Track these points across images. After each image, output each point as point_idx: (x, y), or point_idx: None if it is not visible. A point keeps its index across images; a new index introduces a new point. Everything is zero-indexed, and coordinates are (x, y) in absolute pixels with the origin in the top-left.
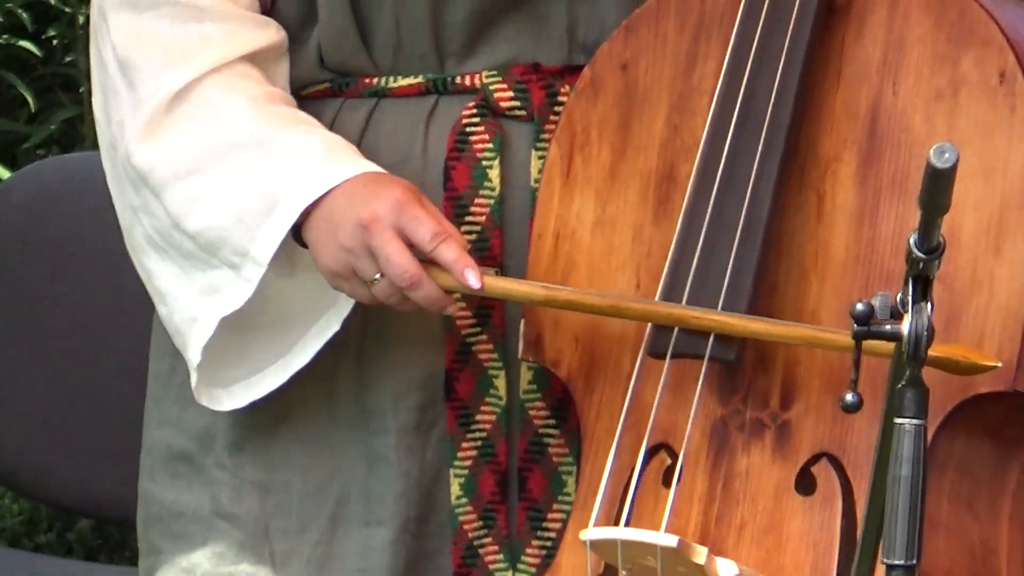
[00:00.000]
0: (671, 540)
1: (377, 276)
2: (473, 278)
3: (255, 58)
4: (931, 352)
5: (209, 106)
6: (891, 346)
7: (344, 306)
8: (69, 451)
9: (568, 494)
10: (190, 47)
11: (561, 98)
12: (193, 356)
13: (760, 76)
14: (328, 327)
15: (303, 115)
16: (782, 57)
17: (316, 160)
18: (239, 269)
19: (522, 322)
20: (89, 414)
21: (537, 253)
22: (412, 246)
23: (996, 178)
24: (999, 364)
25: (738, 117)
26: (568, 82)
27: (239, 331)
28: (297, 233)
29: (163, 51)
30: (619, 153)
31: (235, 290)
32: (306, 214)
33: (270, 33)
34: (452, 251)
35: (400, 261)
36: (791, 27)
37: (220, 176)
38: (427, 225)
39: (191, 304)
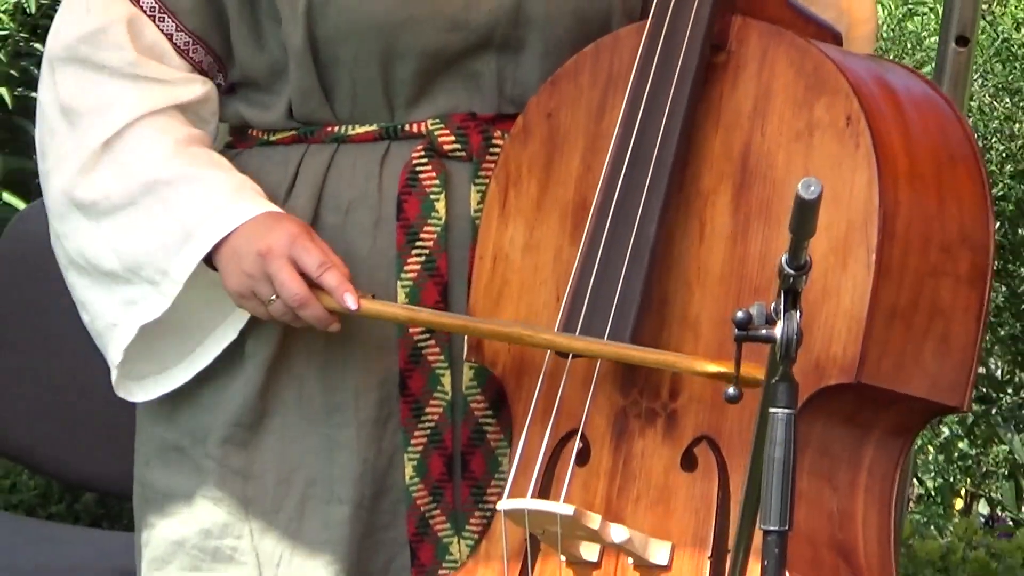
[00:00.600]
0: (568, 509)
1: (273, 297)
2: (351, 301)
3: (184, 108)
4: (665, 359)
5: (140, 147)
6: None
7: (240, 319)
8: (77, 435)
9: (503, 472)
10: (125, 98)
11: (496, 141)
12: (115, 357)
13: (649, 123)
14: (225, 336)
15: (217, 157)
16: (667, 107)
17: (226, 199)
18: (158, 285)
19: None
20: (94, 405)
21: (479, 272)
22: (303, 273)
23: (842, 205)
24: (724, 370)
25: (631, 157)
26: (500, 128)
27: (151, 336)
28: (207, 257)
29: (102, 101)
30: (544, 187)
31: (153, 303)
32: (216, 244)
33: (195, 88)
34: (335, 278)
35: (292, 285)
36: (675, 82)
37: (148, 208)
38: (315, 256)
39: (111, 313)
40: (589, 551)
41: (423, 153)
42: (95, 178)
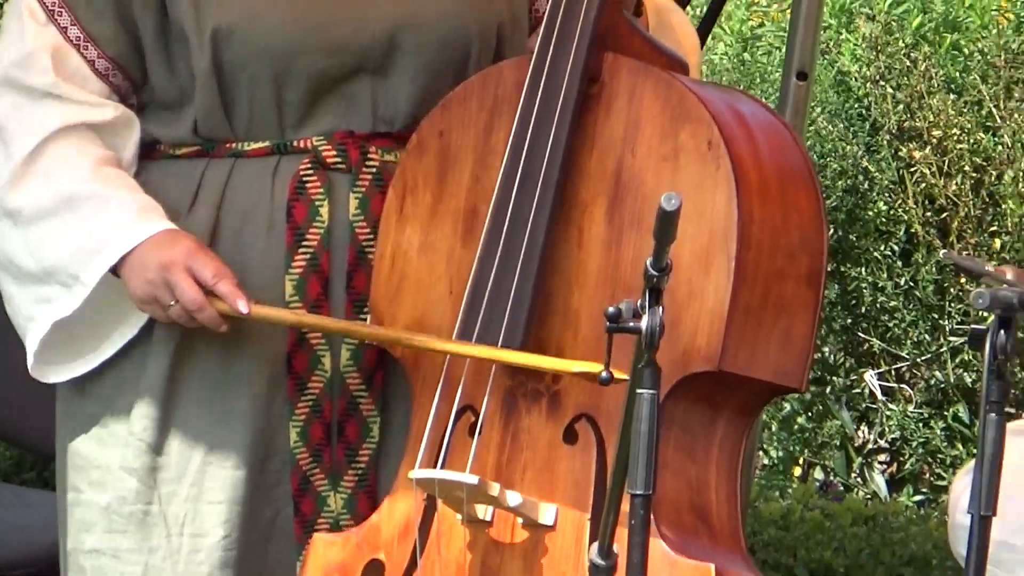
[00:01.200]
0: (473, 479)
1: (172, 303)
2: (243, 306)
3: (98, 128)
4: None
5: (60, 164)
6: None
7: (141, 318)
8: (47, 409)
9: (373, 438)
10: (44, 116)
11: (371, 155)
12: (31, 346)
13: (536, 145)
14: (127, 332)
15: (127, 178)
16: (551, 132)
17: (133, 217)
18: (70, 288)
19: (368, 317)
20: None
21: (379, 268)
22: (199, 282)
23: (705, 218)
24: (589, 370)
25: (521, 175)
26: (374, 144)
27: (63, 329)
28: (114, 266)
29: (25, 119)
30: (437, 196)
31: (65, 303)
32: (122, 256)
33: (106, 111)
34: (227, 287)
35: (190, 292)
36: (558, 110)
37: (64, 221)
38: (210, 267)
39: (29, 308)
40: (484, 512)
41: (309, 166)
42: (20, 189)
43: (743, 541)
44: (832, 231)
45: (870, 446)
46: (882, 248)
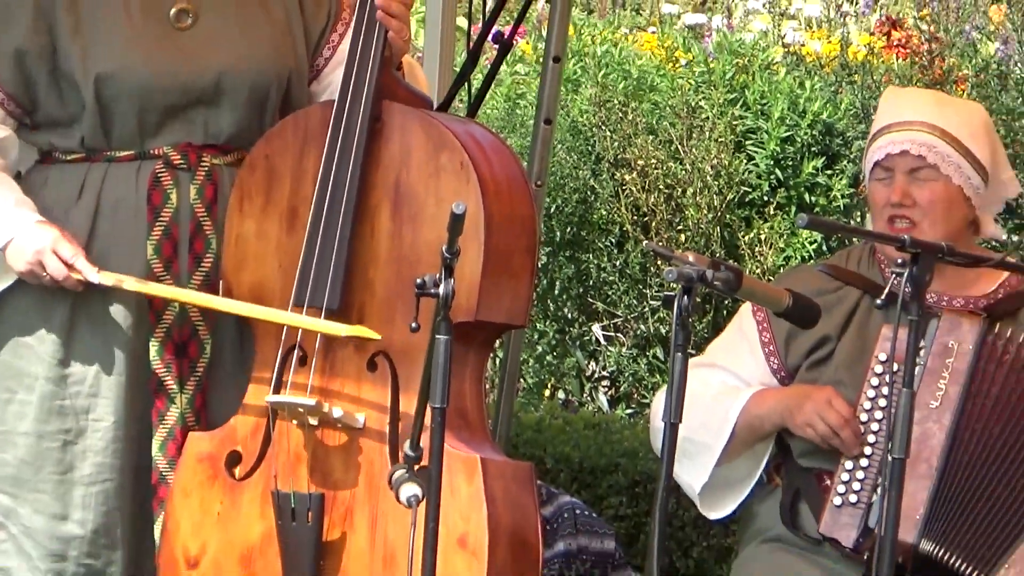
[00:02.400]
0: (311, 401)
1: (45, 275)
2: (93, 275)
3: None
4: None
5: None
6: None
7: (10, 278)
8: None
9: (207, 355)
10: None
11: (204, 160)
12: None
13: (341, 164)
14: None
15: (8, 180)
16: (351, 155)
17: (11, 212)
18: None
19: (220, 284)
20: None
21: (227, 247)
22: (62, 260)
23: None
24: (377, 336)
25: (332, 186)
26: (206, 152)
27: None
28: None
29: None
30: (266, 200)
31: None
32: (5, 241)
33: (1, 131)
34: (81, 262)
35: (55, 268)
36: (355, 139)
37: None
38: (69, 249)
39: None
40: (314, 420)
41: (162, 166)
42: None
43: (488, 431)
44: (568, 228)
45: (596, 376)
46: (604, 240)
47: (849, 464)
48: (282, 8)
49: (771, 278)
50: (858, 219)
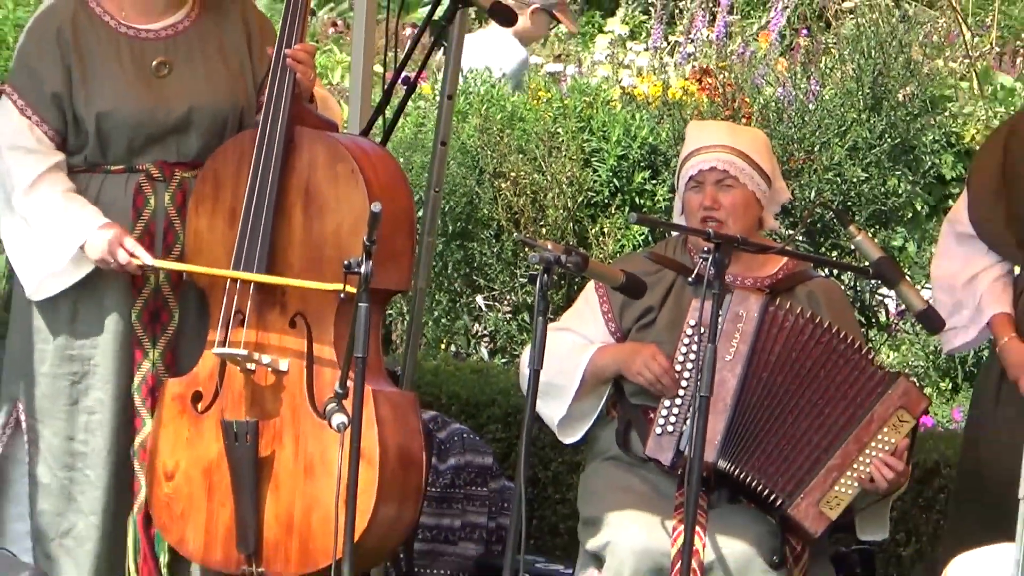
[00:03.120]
0: (244, 352)
1: (113, 262)
2: (148, 259)
3: (56, 164)
4: (280, 281)
5: (47, 193)
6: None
7: (84, 270)
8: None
9: (175, 320)
10: (35, 163)
11: (176, 174)
12: (33, 284)
13: (264, 172)
14: (80, 272)
15: (79, 196)
16: (272, 166)
17: (86, 217)
18: (58, 254)
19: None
20: None
21: (187, 238)
22: (126, 251)
23: (355, 210)
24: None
25: (258, 190)
26: (178, 168)
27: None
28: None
29: (26, 163)
30: (214, 202)
31: (50, 263)
32: (83, 240)
33: (58, 155)
34: (142, 252)
35: (124, 256)
36: (275, 154)
37: (52, 222)
38: (131, 242)
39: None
40: (251, 366)
41: (144, 178)
42: (27, 204)
43: (383, 370)
44: (458, 223)
45: (479, 334)
46: (485, 232)
47: (667, 403)
48: (236, 58)
49: (610, 261)
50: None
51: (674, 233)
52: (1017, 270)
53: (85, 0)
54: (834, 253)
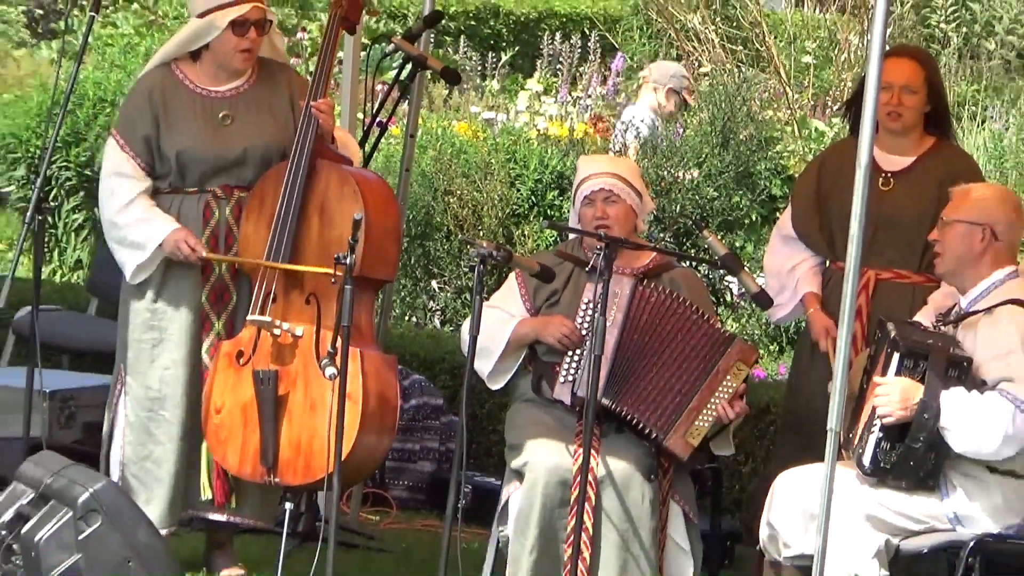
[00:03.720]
0: (269, 319)
1: (180, 254)
2: (203, 253)
3: (145, 189)
4: (301, 269)
5: (138, 207)
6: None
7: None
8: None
9: (232, 298)
10: (131, 187)
11: (235, 194)
12: (128, 269)
13: (291, 194)
14: (154, 265)
15: (159, 210)
16: (297, 187)
17: (165, 224)
18: (144, 249)
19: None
20: None
21: (241, 238)
22: (190, 246)
23: (350, 219)
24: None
25: (286, 205)
26: (236, 190)
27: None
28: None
29: (124, 186)
30: (258, 214)
31: (139, 256)
32: (161, 240)
33: (148, 182)
34: (200, 247)
35: (186, 250)
36: (300, 176)
37: (141, 228)
38: (193, 240)
39: (126, 257)
40: (276, 331)
41: (211, 197)
42: (124, 215)
43: (373, 338)
44: (418, 227)
45: (433, 309)
46: (438, 235)
47: (567, 359)
48: (281, 113)
49: (529, 255)
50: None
51: (572, 236)
52: (827, 264)
53: (171, 69)
54: (692, 250)
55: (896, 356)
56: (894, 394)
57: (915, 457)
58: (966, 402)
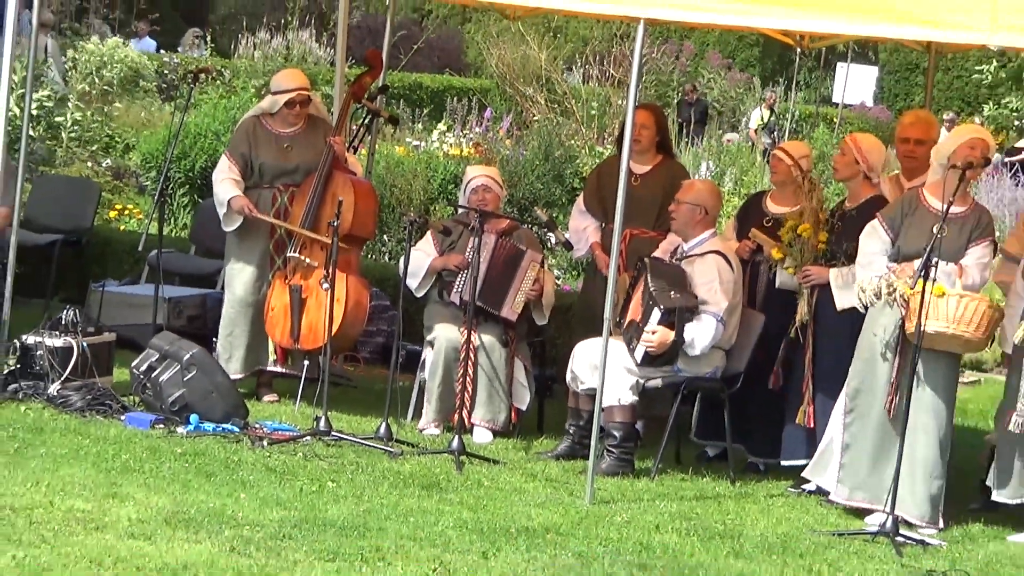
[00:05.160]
0: (300, 255)
1: (238, 209)
2: (255, 212)
3: (236, 180)
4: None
5: (226, 186)
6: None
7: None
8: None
9: (296, 247)
10: (226, 175)
11: (290, 188)
12: (222, 221)
13: (316, 188)
14: (236, 221)
15: (237, 188)
16: (320, 185)
17: (232, 192)
18: (223, 206)
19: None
20: None
21: (292, 214)
22: (247, 208)
23: (348, 204)
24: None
25: (314, 197)
26: (291, 187)
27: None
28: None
29: (221, 175)
30: (301, 201)
31: (222, 209)
32: (229, 201)
33: (236, 176)
34: (251, 208)
35: (241, 205)
36: (321, 180)
37: (223, 194)
38: (246, 201)
39: (221, 212)
40: (304, 263)
41: (276, 191)
42: (218, 189)
43: (359, 272)
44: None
45: (383, 251)
46: (387, 211)
47: (458, 279)
48: (317, 144)
49: (438, 220)
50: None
51: (461, 210)
52: (603, 225)
53: (259, 119)
54: (529, 218)
55: (656, 311)
56: (658, 338)
57: (665, 359)
58: (696, 328)
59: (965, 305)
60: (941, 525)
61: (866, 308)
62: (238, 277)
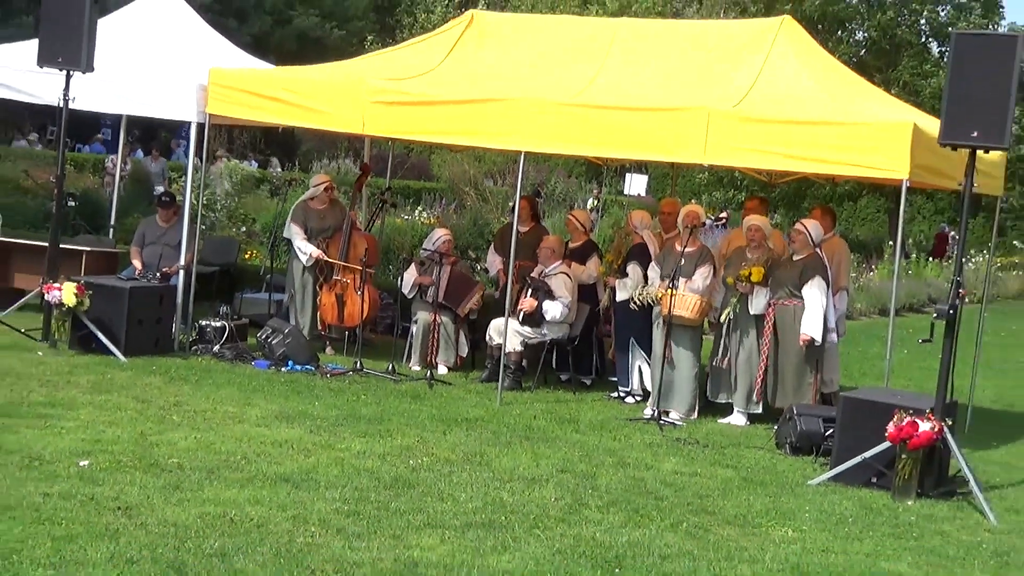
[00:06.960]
0: (340, 277)
1: (309, 257)
2: (317, 256)
3: (303, 237)
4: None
5: (301, 241)
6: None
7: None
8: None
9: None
10: (298, 234)
11: (331, 236)
12: (304, 260)
13: (345, 237)
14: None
15: (310, 244)
16: (347, 236)
17: (314, 248)
18: (306, 255)
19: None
20: None
21: (329, 252)
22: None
23: (362, 248)
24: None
25: (344, 241)
26: (328, 240)
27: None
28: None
29: (295, 233)
30: (336, 245)
31: (304, 257)
32: (309, 253)
33: (303, 233)
34: (322, 256)
35: (318, 255)
36: (347, 233)
37: (304, 248)
38: (320, 253)
39: (298, 242)
40: (343, 280)
41: (320, 240)
42: (297, 243)
43: (371, 282)
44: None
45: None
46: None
47: (431, 289)
48: (341, 217)
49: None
50: None
51: (428, 252)
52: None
53: (306, 201)
54: (468, 257)
55: (529, 291)
56: (527, 303)
57: (534, 320)
58: (550, 304)
59: (690, 300)
60: (695, 417)
61: (639, 304)
62: (299, 286)
